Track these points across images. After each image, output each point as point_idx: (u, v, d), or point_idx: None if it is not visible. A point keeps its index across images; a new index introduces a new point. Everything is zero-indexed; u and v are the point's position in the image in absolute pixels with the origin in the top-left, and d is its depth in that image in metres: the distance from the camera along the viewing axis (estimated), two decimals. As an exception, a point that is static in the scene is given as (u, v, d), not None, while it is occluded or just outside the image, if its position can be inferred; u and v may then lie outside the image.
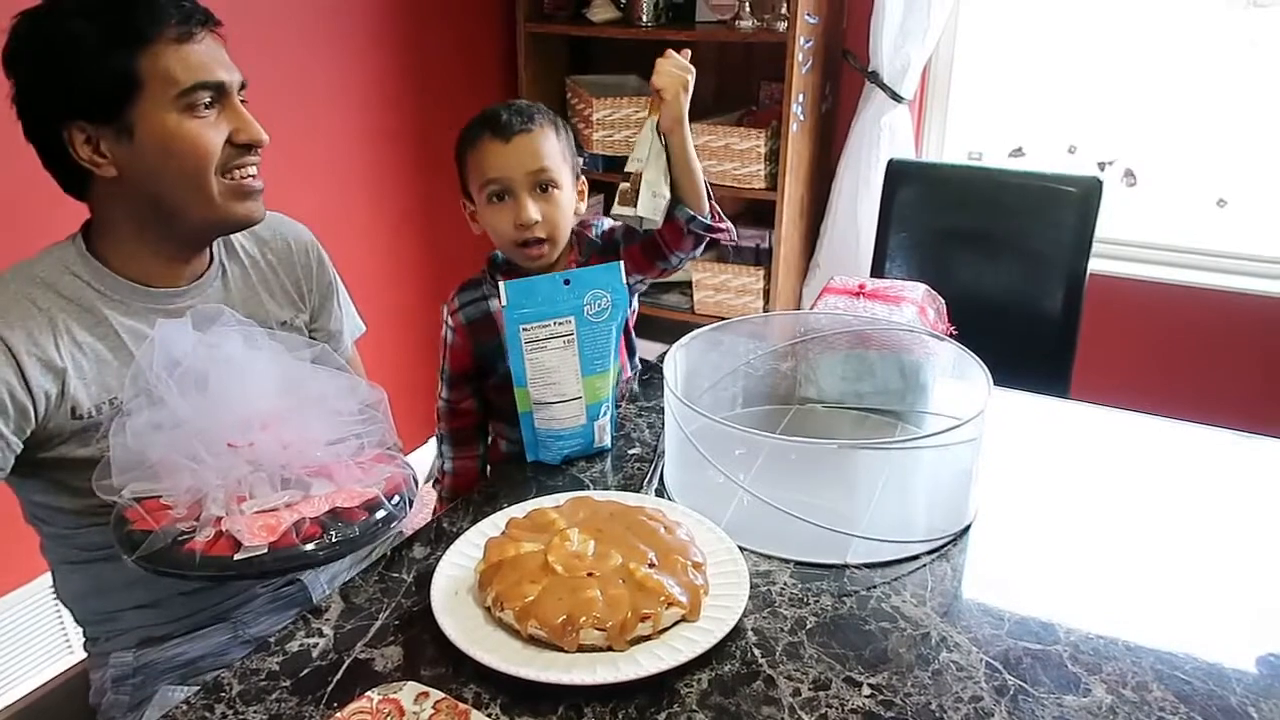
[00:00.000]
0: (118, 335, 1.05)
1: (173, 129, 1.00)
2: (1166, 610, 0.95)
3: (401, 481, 1.01)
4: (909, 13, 2.43)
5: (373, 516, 0.96)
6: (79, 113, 0.98)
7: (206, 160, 1.02)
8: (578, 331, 1.15)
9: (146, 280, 1.08)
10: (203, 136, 1.01)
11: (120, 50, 0.97)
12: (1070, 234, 1.86)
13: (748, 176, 2.57)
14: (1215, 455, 1.27)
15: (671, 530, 0.98)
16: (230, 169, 1.04)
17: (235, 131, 1.03)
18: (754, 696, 0.83)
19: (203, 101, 1.01)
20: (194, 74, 0.99)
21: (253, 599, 1.19)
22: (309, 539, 0.92)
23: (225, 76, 1.02)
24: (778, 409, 1.33)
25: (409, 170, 2.56)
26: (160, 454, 0.94)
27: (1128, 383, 2.30)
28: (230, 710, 0.82)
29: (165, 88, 0.98)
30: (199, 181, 1.02)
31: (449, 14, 2.58)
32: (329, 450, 1.00)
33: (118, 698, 1.15)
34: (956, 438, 1.03)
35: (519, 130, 1.26)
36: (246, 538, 0.90)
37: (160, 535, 0.90)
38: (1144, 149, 2.59)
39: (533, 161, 1.25)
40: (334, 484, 0.99)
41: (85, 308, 1.04)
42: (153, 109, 0.99)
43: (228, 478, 0.94)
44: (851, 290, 1.41)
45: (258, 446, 0.96)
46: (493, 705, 0.82)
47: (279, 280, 1.23)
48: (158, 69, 0.98)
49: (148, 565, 0.90)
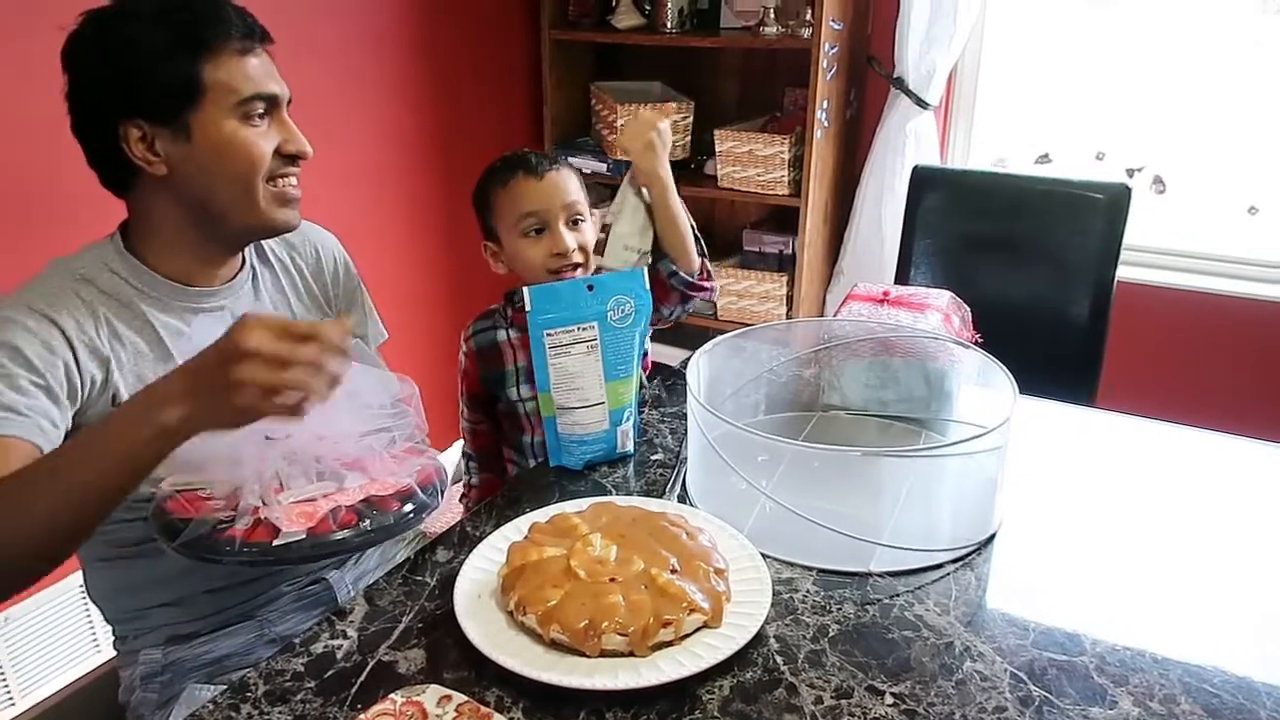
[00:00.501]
0: (155, 330, 1.09)
1: (228, 135, 1.04)
2: (1195, 622, 0.94)
3: (433, 472, 1.05)
4: (934, 18, 2.42)
5: (406, 506, 0.99)
6: (139, 111, 1.02)
7: (257, 167, 1.06)
8: (601, 337, 1.15)
9: (183, 279, 1.12)
10: (255, 144, 1.06)
11: (187, 56, 1.01)
12: (1098, 241, 1.84)
13: (772, 182, 2.57)
14: (1245, 466, 1.25)
15: (694, 536, 0.98)
16: (275, 177, 1.09)
17: (284, 142, 1.08)
18: (776, 704, 0.82)
19: (257, 111, 1.06)
20: (253, 85, 1.04)
21: (278, 597, 1.20)
22: (345, 526, 0.95)
23: (278, 90, 1.08)
24: (801, 416, 1.33)
25: (433, 176, 2.57)
26: (199, 446, 0.95)
27: (1155, 391, 2.27)
28: (256, 710, 0.83)
29: (225, 95, 1.03)
30: (247, 185, 1.07)
31: (474, 22, 2.59)
32: (362, 443, 1.04)
33: (146, 695, 1.17)
34: (981, 446, 1.03)
35: (550, 168, 1.34)
36: (285, 524, 0.93)
37: (200, 523, 0.93)
38: (1173, 156, 2.56)
39: (565, 195, 1.33)
40: (367, 476, 1.02)
41: (124, 303, 1.07)
42: (212, 114, 1.03)
43: (264, 470, 0.97)
44: (875, 297, 1.41)
45: (294, 439, 0.99)
46: (515, 709, 0.82)
47: (307, 285, 1.26)
48: (219, 77, 1.03)
49: (188, 552, 0.93)
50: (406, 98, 2.45)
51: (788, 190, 2.56)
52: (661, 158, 1.31)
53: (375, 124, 2.38)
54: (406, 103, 2.45)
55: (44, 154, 1.67)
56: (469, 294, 2.73)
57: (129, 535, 1.10)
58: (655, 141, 1.29)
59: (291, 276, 1.25)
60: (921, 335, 1.29)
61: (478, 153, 2.69)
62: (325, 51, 2.21)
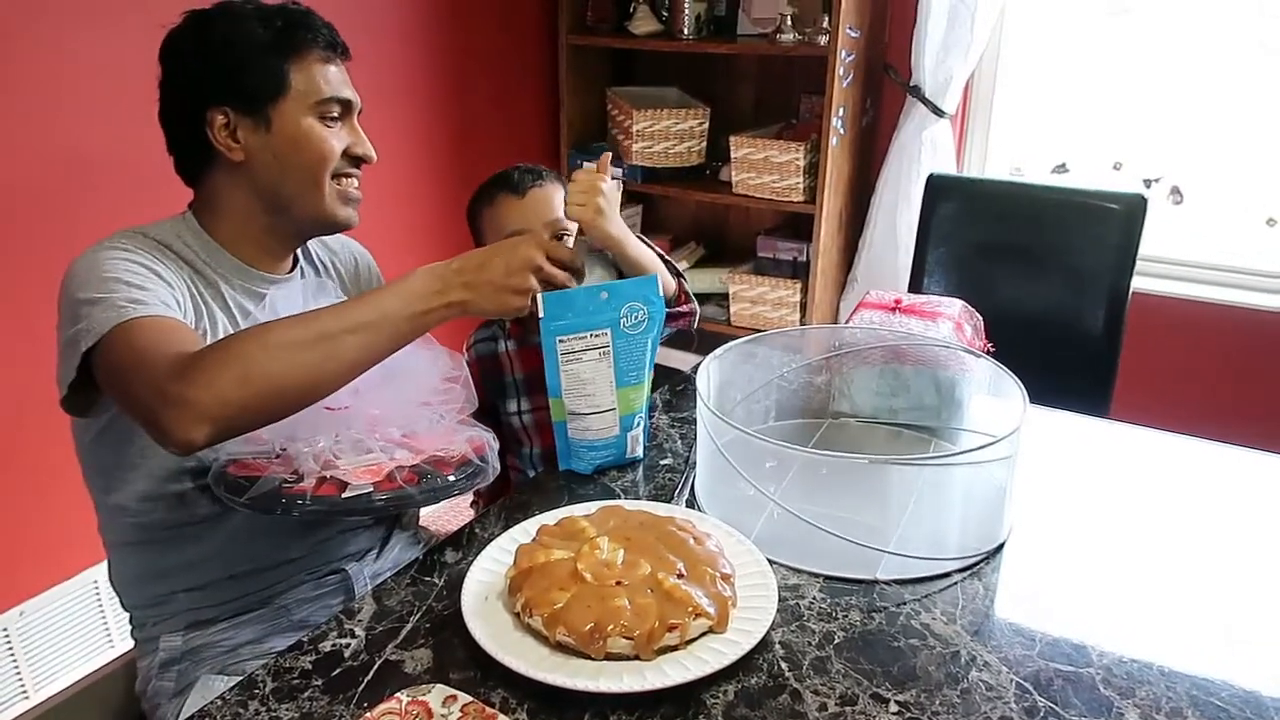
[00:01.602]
0: (226, 301, 1.15)
1: (305, 129, 1.13)
2: (1204, 635, 0.93)
3: (484, 443, 1.12)
4: (952, 27, 2.42)
5: (463, 470, 1.05)
6: (228, 98, 1.11)
7: (326, 162, 1.15)
8: (613, 343, 1.16)
9: (247, 262, 1.18)
10: (328, 141, 1.14)
11: (277, 54, 1.11)
12: (1113, 251, 1.83)
13: (787, 189, 2.57)
14: (1260, 479, 1.24)
15: (701, 541, 0.98)
16: (340, 175, 1.17)
17: (353, 144, 1.17)
18: (780, 710, 0.82)
19: (332, 113, 1.15)
20: (331, 88, 1.14)
21: (297, 585, 1.22)
22: (409, 483, 1.00)
23: (352, 97, 1.17)
24: (811, 423, 1.33)
25: (449, 179, 2.59)
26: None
27: (1170, 403, 2.26)
28: (264, 707, 0.83)
29: (307, 94, 1.13)
30: (316, 178, 1.15)
31: (492, 26, 2.61)
32: (412, 416, 1.11)
33: (163, 684, 1.18)
34: (991, 455, 1.03)
35: (531, 185, 1.38)
36: (353, 479, 0.99)
37: (267, 480, 0.99)
38: (1191, 167, 2.55)
39: (548, 212, 1.37)
40: (416, 450, 1.07)
41: (198, 270, 1.15)
42: (292, 109, 1.12)
43: (315, 440, 1.03)
44: (887, 305, 1.40)
45: (351, 410, 1.06)
46: (519, 710, 0.82)
47: (345, 290, 1.34)
48: (302, 77, 1.12)
49: (260, 505, 0.98)
50: (424, 101, 2.46)
51: (802, 197, 2.56)
52: (612, 219, 1.27)
53: (392, 128, 2.40)
54: (424, 106, 2.47)
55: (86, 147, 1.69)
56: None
57: (158, 519, 1.13)
58: (603, 206, 1.26)
59: (334, 277, 1.34)
60: (932, 343, 1.29)
61: (494, 156, 2.70)
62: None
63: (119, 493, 1.14)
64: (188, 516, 1.12)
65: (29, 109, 1.67)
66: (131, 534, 1.17)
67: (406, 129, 2.44)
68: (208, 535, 1.14)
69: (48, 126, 1.70)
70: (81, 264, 1.05)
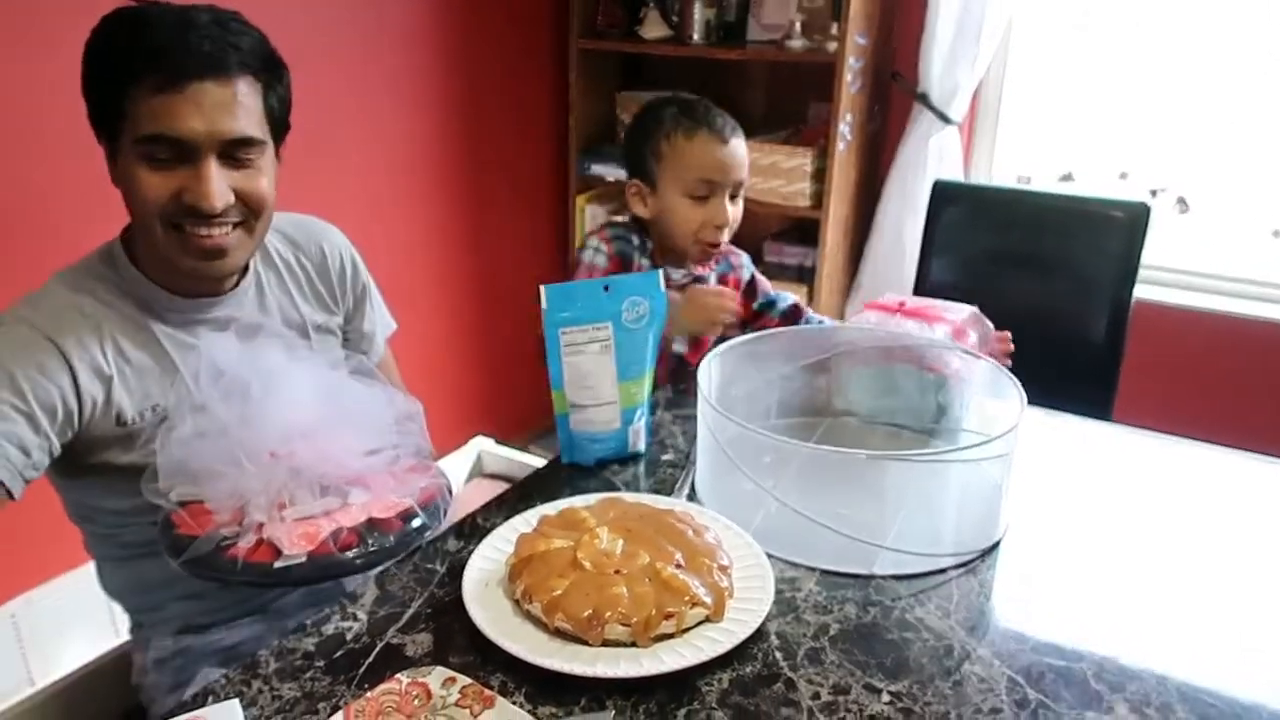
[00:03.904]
0: (159, 344, 1.08)
1: (127, 170, 1.00)
2: (1196, 634, 0.94)
3: (435, 491, 1.04)
4: (959, 35, 2.44)
5: (408, 526, 0.99)
6: (96, 124, 1.02)
7: (145, 209, 1.01)
8: (615, 337, 1.17)
9: (182, 291, 1.10)
10: (146, 186, 0.99)
11: (115, 82, 0.98)
12: (1116, 259, 1.84)
13: (793, 194, 2.58)
14: (1253, 482, 1.25)
15: (700, 533, 0.99)
16: (179, 224, 1.02)
17: (182, 190, 1.00)
18: (774, 698, 0.84)
19: (158, 155, 0.98)
20: (158, 124, 0.96)
21: (291, 592, 1.23)
22: (346, 548, 0.94)
23: (199, 130, 0.97)
24: (812, 421, 1.33)
25: (458, 179, 2.61)
26: (205, 461, 0.97)
27: (1171, 411, 2.25)
28: (266, 686, 0.85)
29: (131, 129, 0.98)
30: (145, 225, 1.03)
31: (502, 29, 2.63)
32: (366, 460, 1.03)
33: (159, 679, 1.19)
34: (987, 453, 1.04)
35: (733, 135, 1.35)
36: (286, 545, 0.93)
37: (205, 541, 0.93)
38: (1197, 177, 2.56)
39: (741, 169, 1.35)
40: (370, 493, 1.02)
41: (127, 316, 1.07)
42: (125, 145, 1.00)
43: (269, 485, 0.97)
44: (890, 307, 1.41)
45: (298, 455, 0.99)
46: (518, 694, 0.84)
47: (313, 285, 1.25)
48: (134, 109, 0.97)
49: (192, 570, 0.94)
50: (434, 103, 2.49)
51: (809, 203, 2.58)
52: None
53: (403, 127, 2.42)
54: (434, 108, 2.49)
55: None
56: (490, 288, 2.76)
57: (139, 537, 1.11)
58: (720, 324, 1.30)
59: (296, 276, 1.24)
60: (928, 344, 1.30)
61: (503, 159, 2.72)
62: (355, 56, 2.25)
63: (95, 523, 1.15)
64: None
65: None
66: (114, 549, 1.16)
67: (417, 131, 2.46)
68: None
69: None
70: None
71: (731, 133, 1.34)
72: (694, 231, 1.33)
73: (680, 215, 1.33)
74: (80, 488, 1.12)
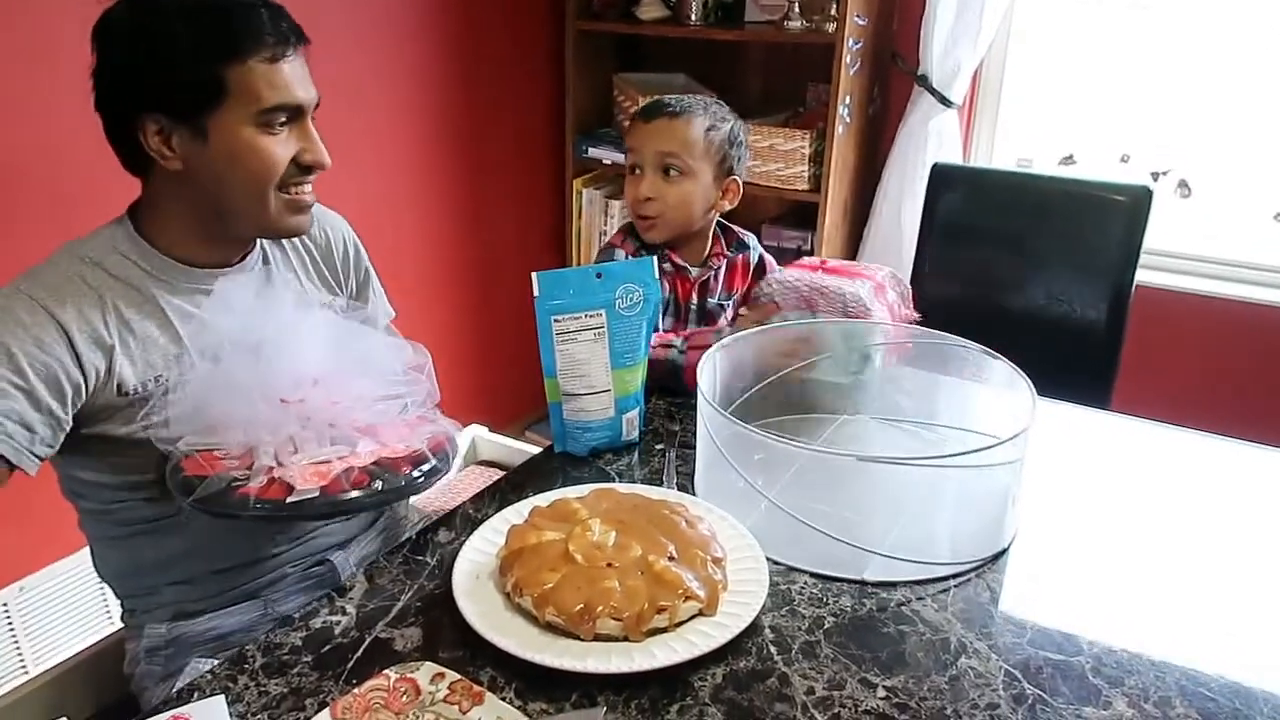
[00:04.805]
0: (164, 314, 1.08)
1: (246, 141, 1.03)
2: (1196, 627, 0.93)
3: (444, 440, 1.07)
4: (960, 16, 2.40)
5: (417, 470, 1.01)
6: (159, 106, 1.01)
7: (270, 176, 1.05)
8: (608, 325, 1.16)
9: (193, 261, 1.11)
10: (272, 154, 1.04)
11: (213, 59, 0.99)
12: (1117, 244, 1.82)
13: (791, 178, 2.56)
14: (1257, 473, 1.24)
15: (693, 525, 0.98)
16: (289, 185, 1.07)
17: (302, 151, 1.07)
18: (768, 693, 0.82)
19: (279, 120, 1.04)
20: (278, 94, 1.02)
21: (283, 578, 1.22)
22: (357, 486, 0.97)
23: (304, 98, 1.05)
24: (824, 418, 1.30)
25: (455, 162, 2.58)
26: (217, 408, 1.00)
27: (1171, 397, 2.24)
28: (253, 681, 0.84)
29: (248, 103, 1.01)
30: (259, 192, 1.06)
31: (498, 10, 2.60)
32: (376, 408, 1.05)
33: (150, 668, 1.18)
34: (995, 458, 1.00)
35: (662, 113, 1.43)
36: (299, 483, 0.96)
37: (216, 480, 0.96)
38: (1200, 160, 2.53)
39: (663, 144, 1.41)
40: (379, 442, 1.04)
41: (133, 286, 1.07)
42: (231, 119, 1.01)
43: (279, 432, 1.00)
44: (814, 266, 1.42)
45: (309, 403, 1.02)
46: (508, 689, 0.83)
47: (318, 267, 1.26)
48: (245, 84, 1.00)
49: (203, 507, 0.95)
50: (429, 86, 2.46)
51: (807, 186, 2.55)
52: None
53: (399, 110, 2.40)
54: (430, 90, 2.46)
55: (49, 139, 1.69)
56: (492, 277, 2.74)
57: (134, 514, 1.11)
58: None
59: (302, 256, 1.25)
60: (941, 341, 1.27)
61: (499, 141, 2.70)
62: (350, 39, 2.22)
63: (88, 499, 1.14)
64: (162, 511, 1.10)
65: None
66: (110, 528, 1.15)
67: (411, 114, 2.43)
68: (186, 530, 1.10)
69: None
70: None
71: (665, 111, 1.43)
72: (630, 206, 1.45)
73: (627, 194, 1.46)
74: (78, 462, 1.10)
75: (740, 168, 1.50)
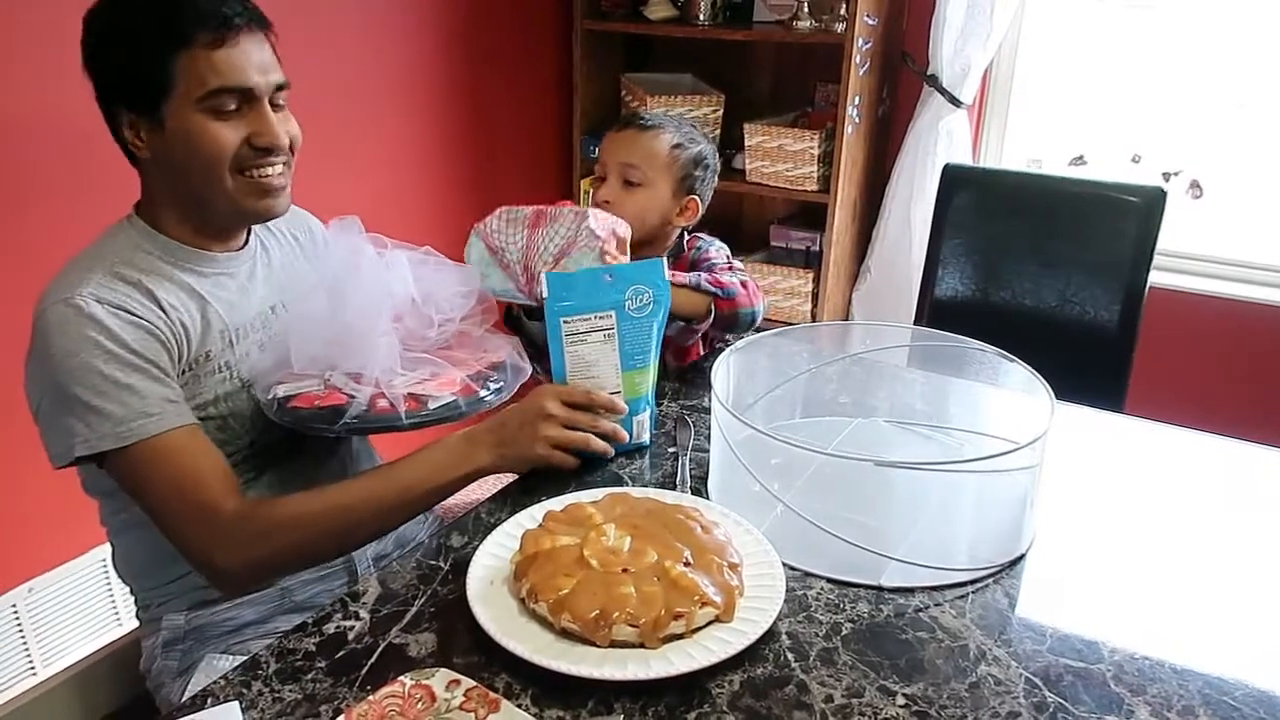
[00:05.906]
0: (199, 295, 1.12)
1: (194, 128, 1.05)
2: (1218, 634, 0.92)
3: (514, 345, 1.21)
4: (970, 16, 2.39)
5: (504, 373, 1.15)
6: (123, 100, 1.06)
7: (220, 159, 1.06)
8: (618, 326, 1.15)
9: (199, 245, 1.15)
10: (219, 137, 1.05)
11: (160, 49, 1.02)
12: (1131, 245, 1.80)
13: (801, 178, 2.55)
14: (1275, 477, 1.23)
15: (709, 530, 0.97)
16: (247, 168, 1.08)
17: (254, 135, 1.07)
18: (786, 701, 0.82)
19: (228, 105, 1.05)
20: (221, 78, 1.03)
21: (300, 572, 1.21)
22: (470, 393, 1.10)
23: (256, 80, 1.06)
24: (840, 420, 1.29)
25: (463, 161, 2.58)
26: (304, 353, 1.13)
27: (1186, 399, 2.23)
28: (266, 688, 0.83)
29: (193, 88, 1.03)
30: (216, 176, 1.08)
31: (506, 9, 2.59)
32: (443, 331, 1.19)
33: (166, 663, 1.19)
34: (1012, 464, 0.99)
35: (632, 125, 1.49)
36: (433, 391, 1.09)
37: (355, 404, 1.07)
38: (1211, 161, 2.52)
39: (627, 155, 1.47)
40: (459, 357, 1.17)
41: (165, 276, 1.10)
42: (181, 106, 1.04)
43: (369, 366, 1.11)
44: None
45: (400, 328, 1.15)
46: (523, 696, 0.82)
47: (305, 259, 1.30)
48: (190, 70, 1.03)
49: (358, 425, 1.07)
50: (437, 85, 2.45)
51: (816, 186, 2.55)
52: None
53: (406, 110, 2.39)
54: (438, 90, 2.45)
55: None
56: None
57: None
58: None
59: (292, 247, 1.29)
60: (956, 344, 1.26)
61: (506, 141, 2.69)
62: (358, 37, 2.22)
63: (112, 497, 1.14)
64: None
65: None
66: (134, 519, 1.14)
67: (419, 113, 2.43)
68: None
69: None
70: (62, 340, 1.01)
71: (635, 124, 1.49)
72: None
73: (592, 198, 1.51)
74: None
75: (703, 189, 1.54)
